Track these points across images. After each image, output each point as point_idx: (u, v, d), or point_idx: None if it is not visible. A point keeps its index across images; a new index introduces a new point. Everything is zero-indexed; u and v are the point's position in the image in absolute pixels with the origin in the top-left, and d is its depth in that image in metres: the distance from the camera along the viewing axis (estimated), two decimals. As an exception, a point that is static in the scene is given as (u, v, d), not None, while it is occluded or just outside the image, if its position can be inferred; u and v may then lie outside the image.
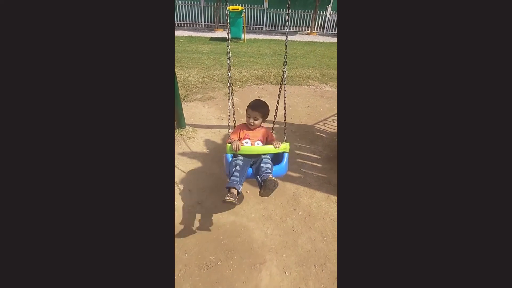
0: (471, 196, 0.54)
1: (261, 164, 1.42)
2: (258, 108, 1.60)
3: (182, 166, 2.09)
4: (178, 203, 1.72)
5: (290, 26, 11.21)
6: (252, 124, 1.60)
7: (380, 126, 0.60)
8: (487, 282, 0.51)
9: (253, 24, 11.18)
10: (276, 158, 1.59)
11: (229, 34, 1.65)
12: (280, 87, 1.65)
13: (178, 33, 8.98)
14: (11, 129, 0.53)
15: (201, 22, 10.89)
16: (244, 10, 8.02)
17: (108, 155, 0.57)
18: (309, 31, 11.23)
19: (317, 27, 11.36)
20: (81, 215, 0.55)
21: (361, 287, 0.58)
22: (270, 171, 1.38)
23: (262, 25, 11.23)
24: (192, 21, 10.84)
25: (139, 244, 0.57)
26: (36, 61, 0.54)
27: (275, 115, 1.81)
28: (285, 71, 1.54)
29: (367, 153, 0.61)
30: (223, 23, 10.64)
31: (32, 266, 0.52)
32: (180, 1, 10.31)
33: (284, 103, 1.61)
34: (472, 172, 0.54)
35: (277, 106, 1.74)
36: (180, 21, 10.68)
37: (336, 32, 11.89)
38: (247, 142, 1.59)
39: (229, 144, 1.44)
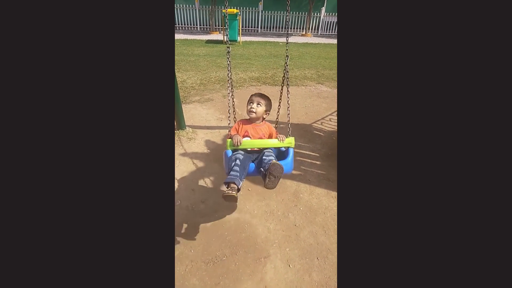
0: (469, 188, 0.54)
1: (264, 157, 1.29)
2: (262, 95, 1.50)
3: (184, 166, 2.12)
4: (183, 202, 1.76)
5: (285, 27, 11.31)
6: (254, 111, 1.44)
7: (379, 123, 0.61)
8: (487, 278, 0.51)
9: (248, 27, 11.25)
10: (280, 155, 1.47)
11: (227, 36, 1.76)
12: (282, 89, 1.66)
13: (173, 36, 9.01)
14: (10, 130, 0.52)
15: (197, 25, 10.93)
16: (239, 13, 8.10)
17: (110, 156, 0.58)
18: (304, 32, 11.34)
19: (311, 29, 11.48)
20: (83, 216, 0.56)
21: (361, 279, 0.59)
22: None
23: (257, 27, 11.31)
24: (188, 24, 10.89)
25: (140, 242, 0.58)
26: (37, 65, 0.54)
27: (278, 113, 1.78)
28: (287, 70, 1.55)
29: (366, 149, 0.62)
30: (218, 25, 10.69)
31: (32, 266, 0.52)
32: (175, 5, 10.36)
33: (288, 103, 1.54)
34: (471, 165, 0.54)
35: (279, 105, 1.69)
36: (176, 24, 10.72)
37: (330, 33, 12.02)
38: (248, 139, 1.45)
39: (229, 140, 1.34)
